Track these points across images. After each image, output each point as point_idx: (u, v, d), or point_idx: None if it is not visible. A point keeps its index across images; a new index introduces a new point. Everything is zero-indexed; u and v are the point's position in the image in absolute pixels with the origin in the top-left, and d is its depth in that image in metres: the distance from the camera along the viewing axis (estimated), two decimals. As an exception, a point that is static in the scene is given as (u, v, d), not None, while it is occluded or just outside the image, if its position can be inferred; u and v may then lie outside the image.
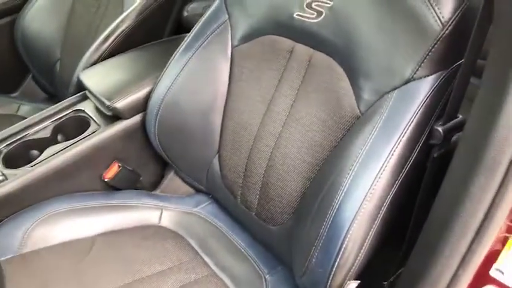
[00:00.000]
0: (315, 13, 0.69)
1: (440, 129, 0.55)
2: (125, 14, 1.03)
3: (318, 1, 0.68)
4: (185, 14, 1.50)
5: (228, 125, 0.83)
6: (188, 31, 0.88)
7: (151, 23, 1.07)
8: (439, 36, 0.54)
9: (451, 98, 0.54)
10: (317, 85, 0.70)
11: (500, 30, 0.42)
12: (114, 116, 0.89)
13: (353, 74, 0.65)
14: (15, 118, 1.27)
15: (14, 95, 1.40)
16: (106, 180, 0.88)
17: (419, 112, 0.55)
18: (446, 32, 0.53)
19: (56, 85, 1.27)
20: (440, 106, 0.57)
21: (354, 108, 0.64)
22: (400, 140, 0.55)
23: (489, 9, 0.44)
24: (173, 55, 0.87)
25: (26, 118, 0.92)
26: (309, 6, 0.70)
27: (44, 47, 1.27)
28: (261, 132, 0.77)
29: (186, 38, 0.87)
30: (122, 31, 1.01)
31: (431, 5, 0.54)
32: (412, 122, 0.55)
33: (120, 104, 0.87)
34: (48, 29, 1.26)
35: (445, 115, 0.56)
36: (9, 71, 1.35)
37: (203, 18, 0.87)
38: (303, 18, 0.71)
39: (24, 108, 1.33)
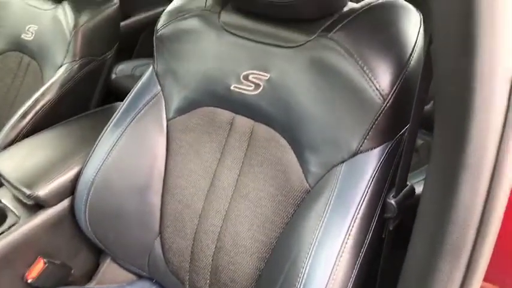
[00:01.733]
0: (253, 85, 0.67)
1: (393, 202, 0.54)
2: (45, 86, 0.95)
3: (255, 73, 0.66)
4: (113, 76, 1.45)
5: (169, 204, 0.76)
6: (117, 95, 0.82)
7: (76, 93, 1.00)
8: (381, 109, 0.53)
9: (400, 168, 0.53)
10: (262, 158, 0.66)
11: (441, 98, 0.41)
12: (37, 205, 0.78)
13: (298, 146, 0.62)
14: None
15: None
16: (29, 281, 0.76)
17: (370, 186, 0.53)
18: (388, 104, 0.53)
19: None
20: (390, 177, 0.55)
21: (303, 181, 0.61)
22: (356, 218, 0.53)
23: (429, 68, 0.45)
24: (102, 131, 0.80)
25: None
26: (245, 78, 0.67)
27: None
28: (206, 210, 0.72)
29: (116, 113, 0.81)
30: (43, 106, 0.93)
31: (370, 79, 0.54)
32: (364, 197, 0.53)
33: (43, 191, 0.77)
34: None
35: (396, 186, 0.54)
36: None
37: (133, 91, 0.82)
38: (240, 91, 0.68)
39: None
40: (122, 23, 1.42)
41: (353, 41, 0.56)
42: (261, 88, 0.66)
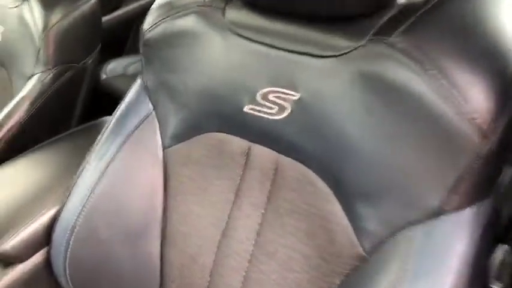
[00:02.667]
0: (275, 107, 0.50)
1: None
2: (12, 104, 0.78)
3: (278, 91, 0.50)
4: (103, 76, 1.30)
5: (171, 255, 0.62)
6: (108, 101, 0.67)
7: (52, 110, 0.84)
8: (479, 152, 0.36)
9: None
10: (291, 206, 0.51)
11: None
12: (3, 262, 0.64)
13: (344, 193, 0.46)
14: None
15: None
16: None
17: (464, 266, 0.37)
18: (491, 145, 0.36)
19: None
20: (489, 252, 0.39)
21: (354, 244, 0.45)
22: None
23: None
24: (83, 163, 0.66)
25: None
26: (264, 98, 0.51)
27: None
28: (220, 267, 0.57)
29: (99, 137, 0.67)
30: (9, 129, 0.76)
31: (459, 105, 0.37)
32: (454, 280, 0.37)
33: (9, 244, 0.62)
34: None
35: (499, 266, 0.38)
36: None
37: (119, 110, 0.67)
38: (257, 113, 0.51)
39: None
40: (109, 16, 1.29)
41: (428, 49, 0.39)
42: (288, 112, 0.49)
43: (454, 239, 0.38)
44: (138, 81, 0.66)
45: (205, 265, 0.58)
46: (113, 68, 1.40)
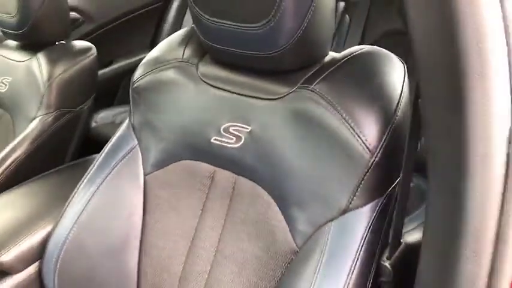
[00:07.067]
0: (234, 138, 0.63)
1: (387, 264, 0.49)
2: (16, 140, 0.90)
3: (235, 125, 0.63)
4: (93, 124, 1.41)
5: (146, 266, 0.70)
6: (96, 145, 0.77)
7: (50, 147, 0.95)
8: (370, 164, 0.50)
9: (392, 226, 0.50)
10: (245, 215, 0.62)
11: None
12: (1, 272, 0.72)
13: (283, 202, 0.58)
14: None
15: None
16: None
17: (362, 248, 0.49)
18: (376, 159, 0.50)
19: None
20: (383, 236, 0.51)
21: (290, 241, 0.57)
22: (348, 284, 0.48)
23: (417, 120, 0.42)
24: (75, 189, 0.75)
25: None
26: (226, 130, 0.64)
27: None
28: (187, 273, 0.66)
29: (90, 168, 0.77)
30: (13, 161, 0.88)
31: (356, 132, 0.51)
32: (357, 261, 0.49)
33: (7, 256, 0.70)
34: None
35: (390, 246, 0.50)
36: None
37: (109, 145, 0.77)
38: (221, 143, 0.64)
39: None
40: (102, 71, 1.41)
41: (336, 93, 0.54)
42: (243, 141, 0.62)
43: (357, 227, 0.50)
44: (126, 122, 0.78)
45: (175, 273, 0.67)
46: (104, 116, 1.50)
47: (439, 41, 0.35)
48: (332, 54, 0.61)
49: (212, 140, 0.65)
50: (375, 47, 0.58)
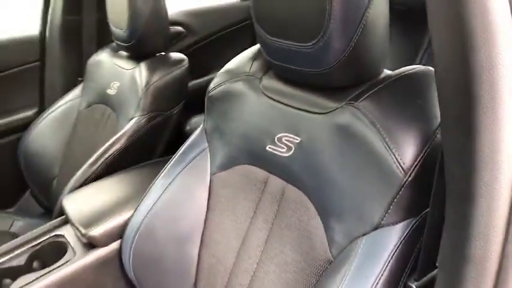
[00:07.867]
0: (285, 147, 0.68)
1: (414, 285, 0.49)
2: (115, 136, 1.06)
3: (288, 136, 0.68)
4: (187, 128, 1.56)
5: (205, 257, 0.78)
6: None
7: (142, 144, 1.10)
8: (403, 183, 0.51)
9: (422, 249, 0.49)
10: (289, 221, 0.66)
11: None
12: (90, 244, 0.86)
13: (324, 213, 0.61)
14: (6, 236, 1.25)
15: (10, 210, 1.40)
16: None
17: (389, 265, 0.50)
18: (410, 178, 0.50)
19: (51, 202, 1.28)
20: (413, 257, 0.51)
21: (326, 251, 0.59)
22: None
23: None
24: (153, 181, 0.86)
25: (17, 235, 0.90)
26: (279, 140, 0.69)
27: (45, 164, 1.30)
28: (236, 268, 0.72)
29: (167, 164, 0.87)
30: (111, 154, 1.03)
31: (392, 151, 0.52)
32: (381, 276, 0.50)
33: (96, 231, 0.84)
34: (50, 147, 1.31)
35: (419, 268, 0.50)
36: (8, 186, 1.38)
37: (184, 145, 0.87)
38: (274, 151, 0.69)
39: (18, 224, 1.32)
40: (197, 80, 1.56)
41: (379, 111, 0.55)
42: (293, 150, 0.66)
43: (386, 244, 0.50)
44: (201, 126, 0.88)
45: (227, 267, 0.73)
46: (196, 121, 1.66)
47: (454, 64, 0.36)
48: (386, 72, 0.62)
49: (267, 148, 0.71)
50: (428, 67, 0.58)
